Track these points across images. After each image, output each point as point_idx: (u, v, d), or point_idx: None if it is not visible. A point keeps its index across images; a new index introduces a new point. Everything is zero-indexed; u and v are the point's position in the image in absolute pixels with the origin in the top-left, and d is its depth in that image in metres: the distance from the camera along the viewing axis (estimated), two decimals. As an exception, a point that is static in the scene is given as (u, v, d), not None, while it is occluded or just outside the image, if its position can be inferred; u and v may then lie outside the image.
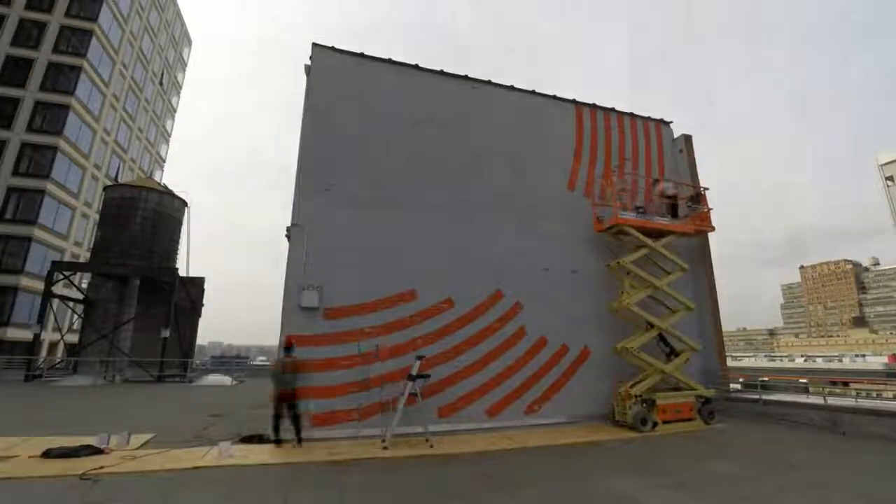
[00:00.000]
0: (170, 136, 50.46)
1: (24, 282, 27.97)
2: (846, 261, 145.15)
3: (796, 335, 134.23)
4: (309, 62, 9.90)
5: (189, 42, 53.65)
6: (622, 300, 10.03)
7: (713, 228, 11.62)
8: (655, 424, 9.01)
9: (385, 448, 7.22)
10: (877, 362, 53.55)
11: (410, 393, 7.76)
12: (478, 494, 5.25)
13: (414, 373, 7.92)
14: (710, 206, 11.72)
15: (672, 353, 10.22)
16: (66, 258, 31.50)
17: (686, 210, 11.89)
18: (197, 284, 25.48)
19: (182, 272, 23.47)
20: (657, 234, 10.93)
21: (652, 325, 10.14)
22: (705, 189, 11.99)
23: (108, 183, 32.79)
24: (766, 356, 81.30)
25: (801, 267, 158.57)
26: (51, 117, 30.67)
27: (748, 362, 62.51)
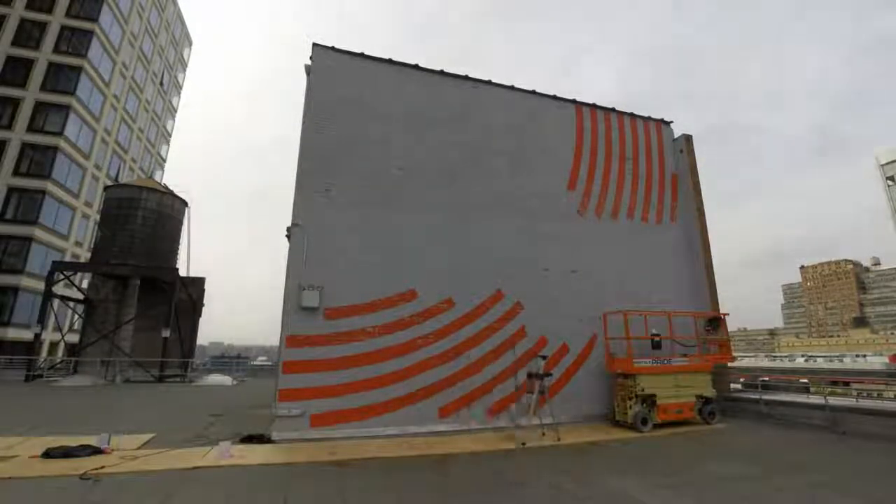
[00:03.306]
0: (170, 136, 50.51)
1: (25, 282, 28.00)
2: (847, 261, 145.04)
3: (797, 335, 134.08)
4: (309, 62, 9.90)
5: (189, 42, 53.70)
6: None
7: (733, 359, 11.14)
8: (656, 424, 9.01)
9: (523, 444, 7.61)
10: (877, 362, 53.53)
11: (540, 392, 8.26)
12: (478, 494, 5.25)
13: (541, 372, 8.42)
14: (728, 333, 11.01)
15: None
16: (67, 258, 31.54)
17: (703, 332, 10.97)
18: (197, 284, 25.50)
19: (182, 272, 23.50)
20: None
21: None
22: (725, 315, 11.09)
23: (109, 183, 32.86)
24: (766, 356, 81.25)
25: (802, 267, 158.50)
26: (51, 117, 30.71)
27: (749, 362, 62.45)
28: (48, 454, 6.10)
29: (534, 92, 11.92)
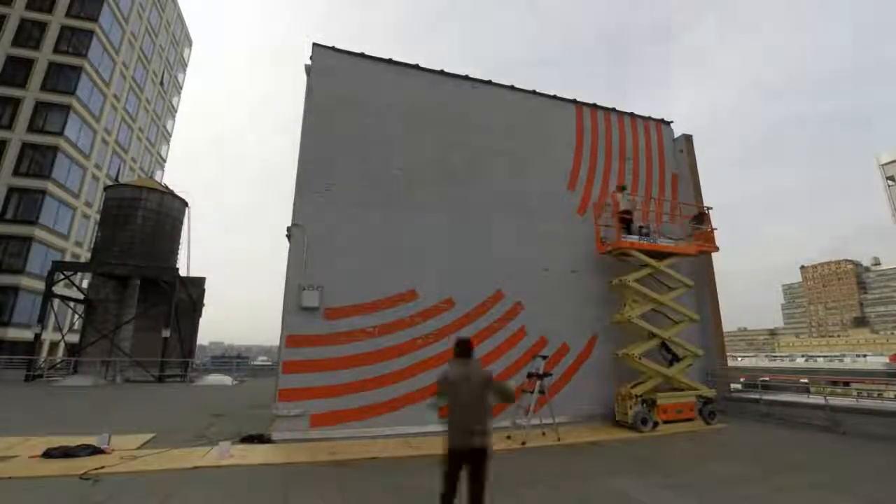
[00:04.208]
0: (170, 136, 50.52)
1: (25, 282, 28.01)
2: (847, 261, 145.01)
3: (797, 335, 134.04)
4: (309, 62, 9.90)
5: (189, 42, 53.70)
6: (625, 313, 9.92)
7: (717, 249, 11.43)
8: (656, 424, 9.00)
9: (523, 443, 7.68)
10: (878, 362, 53.49)
11: (539, 391, 8.29)
12: (478, 494, 5.24)
13: (540, 371, 8.45)
14: (713, 225, 11.48)
15: (674, 360, 10.18)
16: (67, 258, 31.55)
17: (689, 229, 11.52)
18: (197, 284, 25.50)
19: (183, 272, 23.50)
20: (661, 254, 10.71)
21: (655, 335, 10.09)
22: (709, 209, 11.73)
23: (109, 183, 32.83)
24: (766, 356, 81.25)
25: (802, 267, 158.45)
26: (52, 117, 30.72)
27: (749, 362, 62.46)
28: (48, 454, 6.10)
29: (534, 92, 11.91)
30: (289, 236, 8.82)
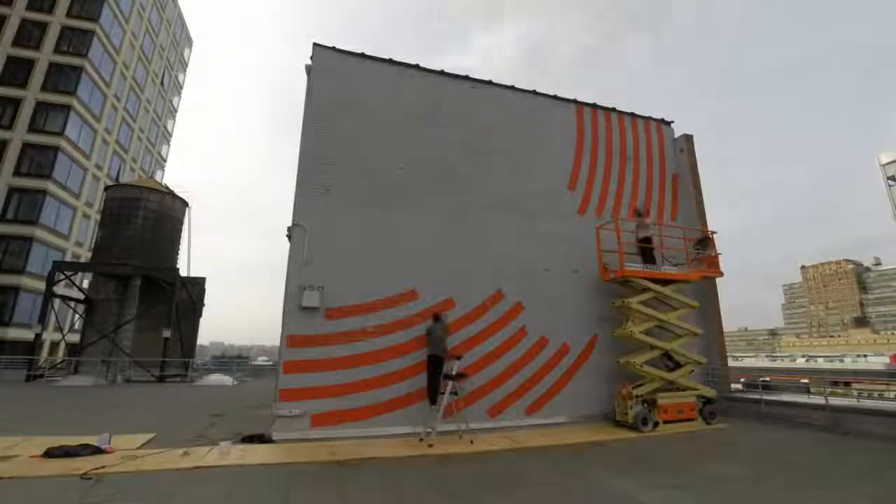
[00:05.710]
0: (171, 136, 50.57)
1: (26, 282, 28.06)
2: (847, 260, 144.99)
3: (797, 335, 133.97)
4: (309, 62, 9.90)
5: (190, 42, 53.75)
6: (627, 328, 9.80)
7: (721, 274, 11.18)
8: (656, 424, 9.00)
9: (430, 445, 7.47)
10: (878, 362, 53.46)
11: (452, 392, 8.10)
12: (478, 494, 5.25)
13: (454, 373, 8.28)
14: (718, 251, 11.20)
15: (676, 367, 10.12)
16: (68, 258, 31.60)
17: (693, 253, 11.24)
18: (198, 284, 25.53)
19: (183, 272, 23.52)
20: (665, 280, 10.50)
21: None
22: (713, 233, 11.48)
23: (110, 183, 32.89)
24: (767, 356, 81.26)
25: (803, 267, 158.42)
26: (52, 117, 30.79)
27: (749, 362, 62.41)
28: (48, 454, 6.10)
29: (534, 92, 11.91)
30: (289, 236, 8.83)
